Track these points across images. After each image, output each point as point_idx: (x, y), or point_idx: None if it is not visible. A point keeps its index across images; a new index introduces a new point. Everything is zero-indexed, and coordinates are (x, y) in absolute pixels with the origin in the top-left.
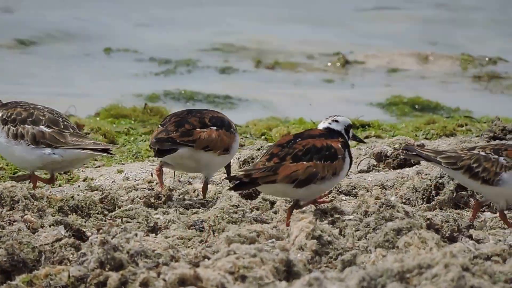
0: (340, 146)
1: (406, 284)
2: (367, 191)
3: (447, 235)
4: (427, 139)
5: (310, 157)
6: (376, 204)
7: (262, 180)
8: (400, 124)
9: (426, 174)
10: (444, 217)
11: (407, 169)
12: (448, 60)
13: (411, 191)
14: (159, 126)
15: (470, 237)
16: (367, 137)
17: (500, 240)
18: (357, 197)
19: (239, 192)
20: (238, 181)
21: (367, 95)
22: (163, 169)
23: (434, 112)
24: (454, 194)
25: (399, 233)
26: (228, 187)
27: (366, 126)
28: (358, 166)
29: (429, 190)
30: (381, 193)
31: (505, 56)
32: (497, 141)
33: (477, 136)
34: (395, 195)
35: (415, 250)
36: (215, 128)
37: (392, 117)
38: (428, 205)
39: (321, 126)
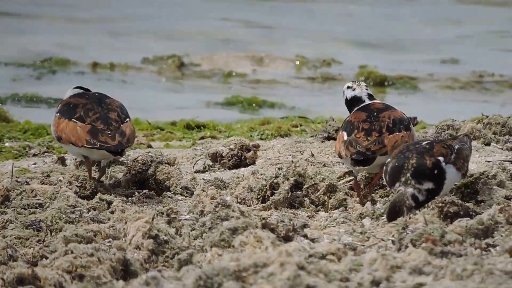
0: (405, 116)
1: (243, 282)
2: (203, 191)
3: (282, 234)
4: (262, 139)
5: (399, 128)
6: (212, 203)
7: (378, 153)
8: (235, 124)
9: (261, 174)
10: (279, 217)
11: (242, 169)
12: (283, 62)
13: (246, 191)
14: (73, 120)
15: (305, 236)
16: (202, 137)
17: (334, 239)
18: (193, 197)
19: (361, 166)
20: (362, 157)
21: (203, 97)
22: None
23: (269, 113)
24: (289, 194)
25: (234, 233)
26: (351, 163)
27: (202, 127)
28: (194, 166)
29: (264, 190)
30: (217, 193)
31: (339, 58)
32: None
33: (311, 136)
34: (231, 195)
35: (250, 249)
36: (128, 120)
37: (228, 118)
38: (263, 204)
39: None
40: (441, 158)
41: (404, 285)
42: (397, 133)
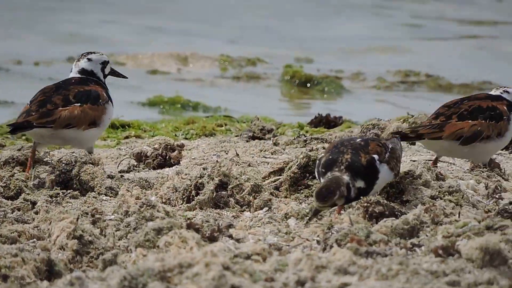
0: (505, 108)
1: (168, 283)
2: (128, 191)
3: (207, 234)
4: (186, 139)
5: (475, 116)
6: (136, 204)
7: (428, 136)
8: (160, 124)
9: (186, 174)
10: (204, 217)
11: (167, 169)
12: (208, 61)
13: (171, 191)
14: (29, 102)
15: (231, 236)
16: (127, 137)
17: (260, 240)
18: (118, 197)
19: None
20: (401, 135)
21: (127, 95)
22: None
23: (194, 112)
24: (214, 194)
25: (159, 233)
26: (392, 136)
27: (126, 126)
28: (118, 166)
29: (189, 190)
30: (142, 193)
31: (264, 57)
32: None
33: (236, 136)
34: (156, 195)
35: (175, 250)
36: (78, 104)
37: (152, 117)
38: (188, 205)
39: (493, 93)
40: (376, 156)
41: (329, 285)
42: (469, 121)
